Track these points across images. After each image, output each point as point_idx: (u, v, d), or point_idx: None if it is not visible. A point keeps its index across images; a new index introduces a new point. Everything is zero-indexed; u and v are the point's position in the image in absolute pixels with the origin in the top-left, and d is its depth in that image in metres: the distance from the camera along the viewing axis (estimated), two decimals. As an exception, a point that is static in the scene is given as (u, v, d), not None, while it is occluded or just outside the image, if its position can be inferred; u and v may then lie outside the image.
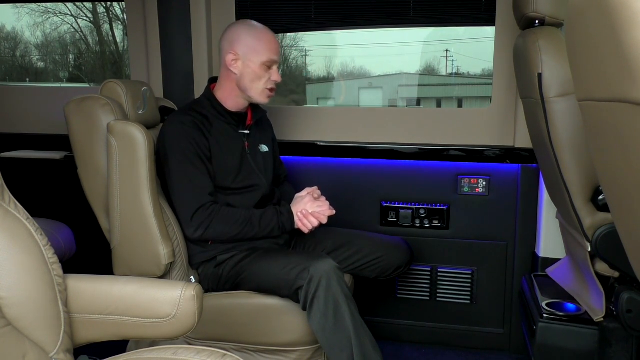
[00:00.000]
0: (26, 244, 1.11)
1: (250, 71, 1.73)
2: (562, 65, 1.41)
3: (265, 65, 1.73)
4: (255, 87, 1.74)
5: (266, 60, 1.73)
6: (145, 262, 1.64)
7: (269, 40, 1.74)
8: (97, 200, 1.72)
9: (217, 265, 1.73)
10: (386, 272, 1.84)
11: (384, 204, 2.22)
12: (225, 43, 1.76)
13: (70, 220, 2.05)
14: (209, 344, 1.71)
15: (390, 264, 1.83)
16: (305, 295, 1.53)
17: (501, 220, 2.14)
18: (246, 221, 1.68)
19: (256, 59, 1.72)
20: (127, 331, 1.20)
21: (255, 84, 1.74)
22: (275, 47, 1.75)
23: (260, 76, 1.74)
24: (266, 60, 1.73)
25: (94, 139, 1.66)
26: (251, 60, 1.73)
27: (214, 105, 1.77)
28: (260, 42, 1.73)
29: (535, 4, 1.48)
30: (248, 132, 1.83)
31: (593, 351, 1.53)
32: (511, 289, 2.17)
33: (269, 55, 1.73)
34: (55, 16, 4.83)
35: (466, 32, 2.89)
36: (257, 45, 1.73)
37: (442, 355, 2.19)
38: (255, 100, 1.77)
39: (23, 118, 2.47)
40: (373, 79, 4.53)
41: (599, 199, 1.44)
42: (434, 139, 2.16)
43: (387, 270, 1.83)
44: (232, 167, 1.75)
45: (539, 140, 1.62)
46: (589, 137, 0.88)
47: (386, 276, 1.85)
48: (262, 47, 1.73)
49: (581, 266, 1.65)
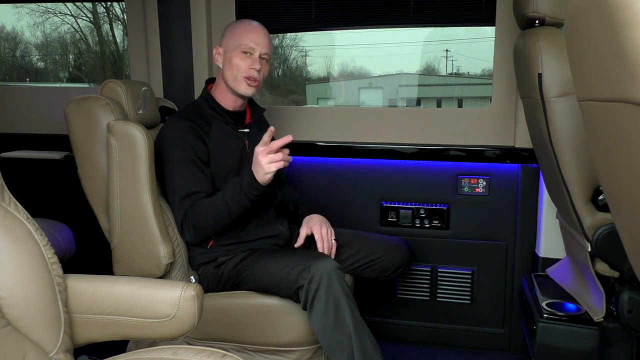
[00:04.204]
0: (26, 244, 1.11)
1: (229, 61, 1.73)
2: (562, 65, 1.41)
3: (241, 52, 1.71)
4: (233, 76, 1.72)
5: (240, 45, 1.71)
6: (145, 262, 1.64)
7: (247, 29, 1.73)
8: (97, 200, 1.72)
9: (218, 266, 1.73)
10: (386, 272, 1.84)
11: (384, 204, 2.22)
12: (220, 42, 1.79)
13: (70, 220, 2.05)
14: (209, 344, 1.71)
15: (390, 264, 1.83)
16: (305, 294, 1.53)
17: (501, 220, 2.14)
18: (211, 202, 1.64)
19: (232, 47, 1.72)
20: (127, 331, 1.20)
21: (232, 72, 1.72)
22: (253, 36, 1.72)
23: (237, 65, 1.71)
24: (240, 46, 1.71)
25: (94, 139, 1.66)
26: (228, 49, 1.73)
27: (212, 105, 1.77)
28: (236, 31, 1.74)
29: (535, 4, 1.48)
30: (248, 131, 1.83)
31: (593, 351, 1.53)
32: (511, 289, 2.17)
33: (243, 41, 1.71)
34: (55, 16, 4.83)
35: (466, 32, 2.89)
36: (234, 34, 1.74)
37: (442, 355, 2.19)
38: (237, 91, 1.74)
39: (23, 118, 2.47)
40: (373, 79, 4.53)
41: (599, 199, 1.44)
42: (434, 139, 2.16)
43: (387, 270, 1.83)
44: (232, 167, 1.75)
45: (539, 140, 1.62)
46: (589, 137, 0.88)
47: (386, 276, 1.85)
48: (237, 34, 1.73)
49: (581, 266, 1.65)
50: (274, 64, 4.22)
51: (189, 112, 1.76)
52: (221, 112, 1.77)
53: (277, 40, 4.10)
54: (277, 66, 4.30)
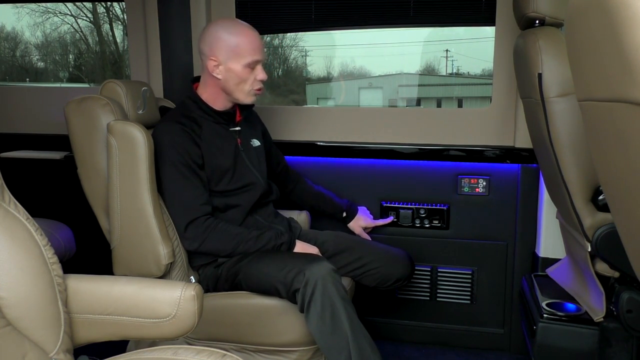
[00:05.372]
0: (26, 244, 1.11)
1: (234, 75, 1.68)
2: (562, 65, 1.41)
3: (249, 66, 1.69)
4: (241, 90, 1.71)
5: (249, 62, 1.68)
6: (145, 262, 1.64)
7: (249, 41, 1.68)
8: (97, 200, 1.71)
9: (218, 266, 1.73)
10: (386, 283, 1.84)
11: (384, 204, 2.22)
12: (204, 47, 1.70)
13: (70, 220, 2.04)
14: (209, 344, 1.71)
15: (390, 275, 1.82)
16: (302, 298, 1.52)
17: (501, 220, 2.14)
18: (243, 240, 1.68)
19: (238, 62, 1.67)
20: (127, 331, 1.20)
21: (240, 87, 1.70)
22: (256, 46, 1.69)
23: (245, 78, 1.69)
24: (249, 62, 1.68)
25: (94, 139, 1.66)
26: (233, 64, 1.68)
27: (201, 107, 1.75)
28: (240, 44, 1.67)
29: (535, 4, 1.48)
30: (239, 129, 1.82)
31: (593, 351, 1.53)
32: (511, 289, 2.17)
33: (252, 57, 1.68)
34: (55, 16, 4.83)
35: (466, 32, 2.89)
36: (237, 47, 1.67)
37: (442, 355, 2.19)
38: (242, 101, 1.73)
39: (23, 118, 2.46)
40: (373, 79, 4.54)
41: (599, 199, 1.44)
42: (434, 139, 2.16)
43: (387, 282, 1.83)
44: (227, 168, 1.74)
45: (539, 140, 1.62)
46: (589, 137, 0.88)
47: (386, 287, 1.85)
48: (242, 49, 1.67)
49: (581, 266, 1.65)
50: (274, 63, 4.22)
51: (178, 115, 1.73)
52: (211, 113, 1.75)
53: (277, 40, 4.10)
54: (277, 66, 4.30)
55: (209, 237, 1.65)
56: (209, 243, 1.65)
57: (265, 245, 1.69)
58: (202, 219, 1.65)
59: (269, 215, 1.85)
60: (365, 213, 2.11)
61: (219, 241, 1.66)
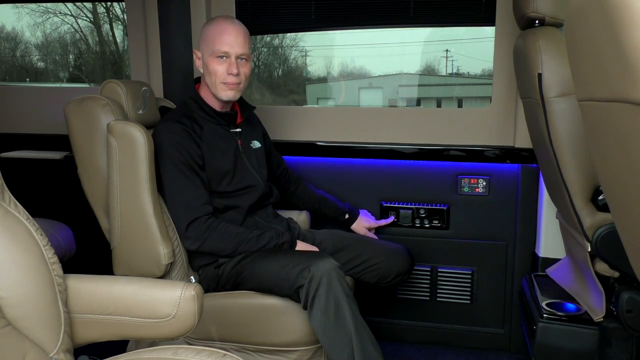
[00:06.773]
0: (26, 244, 1.11)
1: (206, 67, 1.71)
2: (562, 65, 1.41)
3: (216, 57, 1.68)
4: (212, 82, 1.71)
5: (214, 51, 1.67)
6: (145, 262, 1.64)
7: (219, 32, 1.68)
8: (97, 200, 1.72)
9: (218, 267, 1.73)
10: (386, 279, 1.84)
11: (384, 204, 2.22)
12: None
13: (70, 220, 2.05)
14: (209, 344, 1.71)
15: (390, 270, 1.83)
16: (306, 294, 1.53)
17: (501, 220, 2.14)
18: (244, 240, 1.68)
19: (207, 52, 1.70)
20: (127, 331, 1.20)
21: (211, 79, 1.71)
22: (226, 38, 1.67)
23: (215, 70, 1.69)
24: (214, 51, 1.67)
25: (94, 139, 1.66)
26: (205, 55, 1.71)
27: (202, 107, 1.75)
28: (209, 35, 1.70)
29: (535, 4, 1.48)
30: (240, 131, 1.82)
31: (593, 351, 1.53)
32: (511, 289, 2.17)
33: (216, 46, 1.67)
34: (55, 16, 4.83)
35: (466, 32, 2.89)
36: (207, 38, 1.70)
37: (442, 355, 2.19)
38: (218, 96, 1.73)
39: (23, 118, 2.47)
40: (373, 79, 4.53)
41: (599, 199, 1.44)
42: (434, 139, 2.16)
43: (387, 277, 1.84)
44: (227, 169, 1.74)
45: (539, 140, 1.62)
46: (589, 137, 0.88)
47: (386, 282, 1.85)
48: (210, 38, 1.69)
49: (581, 266, 1.65)
50: (274, 64, 4.22)
51: (180, 115, 1.74)
52: (212, 113, 1.76)
53: (277, 40, 4.10)
54: (277, 66, 4.30)
55: (210, 237, 1.65)
56: (210, 243, 1.66)
57: (267, 245, 1.69)
58: (203, 219, 1.65)
59: (268, 216, 1.86)
60: (367, 215, 2.12)
61: (220, 241, 1.66)
